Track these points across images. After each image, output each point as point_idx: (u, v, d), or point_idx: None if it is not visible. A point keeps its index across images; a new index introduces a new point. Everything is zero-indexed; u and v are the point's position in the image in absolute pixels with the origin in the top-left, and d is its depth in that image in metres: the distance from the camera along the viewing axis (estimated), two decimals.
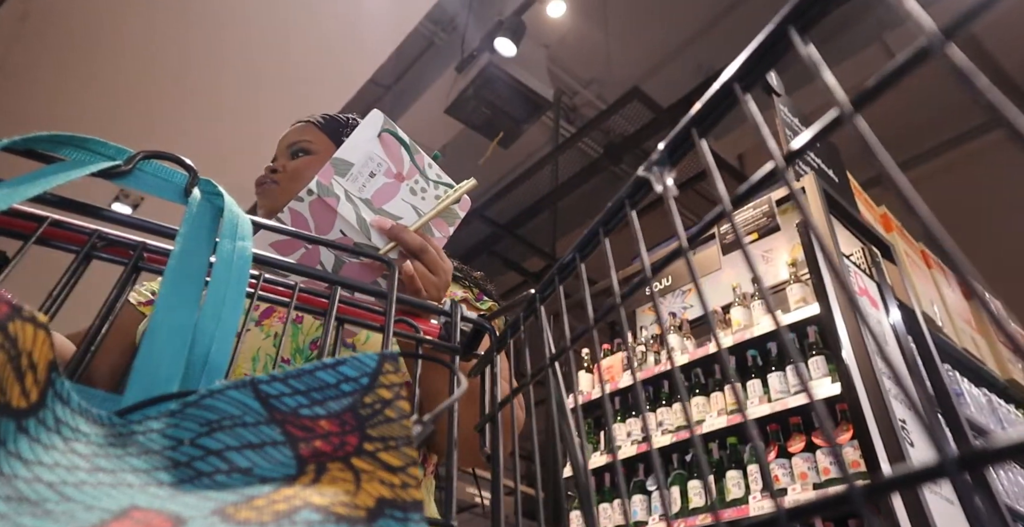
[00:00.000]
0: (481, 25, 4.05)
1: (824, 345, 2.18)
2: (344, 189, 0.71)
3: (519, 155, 4.92)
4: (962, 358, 2.64)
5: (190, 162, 0.42)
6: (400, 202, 0.75)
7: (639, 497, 2.47)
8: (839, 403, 2.01)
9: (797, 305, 2.28)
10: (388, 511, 0.23)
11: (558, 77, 4.72)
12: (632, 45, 4.46)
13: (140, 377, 0.30)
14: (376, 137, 0.74)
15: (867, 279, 2.28)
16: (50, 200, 0.38)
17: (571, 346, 0.34)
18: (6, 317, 0.22)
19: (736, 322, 2.46)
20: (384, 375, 0.27)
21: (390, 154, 0.75)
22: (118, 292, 0.40)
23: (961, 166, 4.70)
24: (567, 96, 4.96)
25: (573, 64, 4.71)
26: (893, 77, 0.18)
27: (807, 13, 0.22)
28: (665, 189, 0.28)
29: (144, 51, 2.75)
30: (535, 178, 4.76)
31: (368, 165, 0.73)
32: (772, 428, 2.23)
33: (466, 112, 4.11)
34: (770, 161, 0.22)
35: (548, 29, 4.31)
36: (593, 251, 0.36)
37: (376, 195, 0.73)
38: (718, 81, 0.26)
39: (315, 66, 2.92)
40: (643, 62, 4.58)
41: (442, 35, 4.48)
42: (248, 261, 0.37)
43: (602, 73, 4.73)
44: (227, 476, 0.25)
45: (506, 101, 4.04)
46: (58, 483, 0.22)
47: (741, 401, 0.20)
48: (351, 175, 0.72)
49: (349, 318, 0.49)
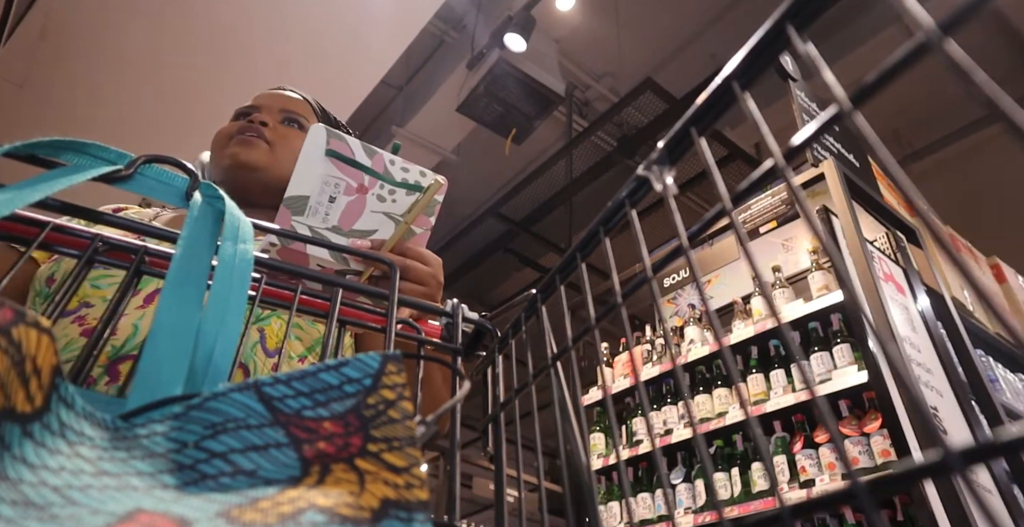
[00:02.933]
0: (491, 22, 4.05)
1: (849, 333, 2.12)
2: (307, 227, 0.65)
3: (532, 151, 4.91)
4: (995, 343, 2.56)
5: (191, 166, 0.42)
6: (370, 215, 0.69)
7: (662, 491, 2.42)
8: (867, 391, 1.98)
9: (820, 293, 2.23)
10: (392, 512, 0.23)
11: (570, 72, 4.71)
12: (643, 37, 4.44)
13: (143, 380, 0.30)
14: (325, 156, 0.68)
15: (892, 265, 2.22)
16: (52, 205, 0.38)
17: (572, 346, 0.34)
18: (10, 322, 0.23)
19: (757, 312, 2.43)
20: (387, 376, 0.27)
21: (344, 168, 0.68)
22: (120, 295, 0.40)
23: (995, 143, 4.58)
24: (579, 90, 4.94)
25: (584, 58, 4.69)
26: (892, 72, 0.19)
27: (804, 10, 0.22)
28: (665, 188, 0.28)
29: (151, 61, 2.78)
30: (549, 173, 4.74)
31: (324, 191, 0.67)
32: (798, 418, 2.19)
33: (478, 109, 4.12)
34: (769, 159, 0.22)
35: (558, 23, 4.29)
36: (593, 250, 0.36)
37: (343, 218, 0.68)
38: (716, 79, 0.26)
39: (325, 71, 2.93)
40: (655, 53, 4.55)
41: (452, 33, 4.48)
42: (250, 264, 0.37)
43: (614, 66, 4.70)
44: (231, 478, 0.25)
45: (518, 97, 4.05)
46: (63, 487, 0.22)
47: (744, 398, 0.20)
48: (309, 210, 0.66)
49: (351, 320, 0.49)
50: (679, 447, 2.53)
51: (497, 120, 4.16)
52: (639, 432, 2.67)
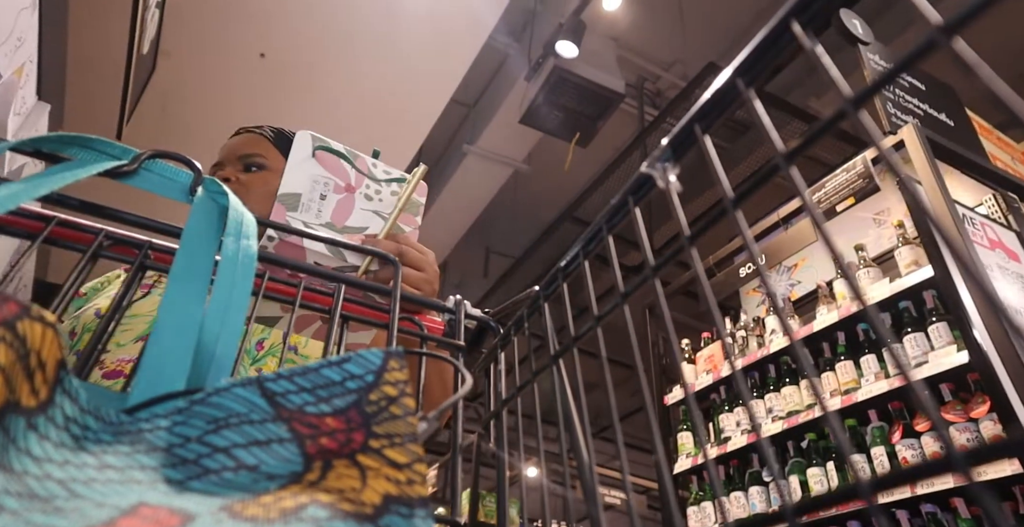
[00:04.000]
0: (548, 30, 4.11)
1: (946, 310, 1.93)
2: (301, 222, 0.69)
3: (609, 150, 4.84)
4: None
5: (196, 162, 0.42)
6: (360, 212, 0.73)
7: (756, 488, 2.36)
8: (970, 373, 1.81)
9: (909, 269, 2.05)
10: (394, 507, 0.23)
11: (636, 65, 4.65)
12: (708, 20, 4.38)
13: (147, 375, 0.30)
14: (312, 157, 0.72)
15: (1002, 229, 2.01)
16: (71, 203, 0.38)
17: (573, 345, 0.34)
18: (15, 316, 0.23)
19: (840, 295, 2.29)
20: (389, 372, 0.27)
21: (332, 169, 0.73)
22: (124, 290, 0.40)
23: None
24: (650, 81, 4.88)
25: (650, 49, 4.63)
26: (897, 71, 0.18)
27: (810, 7, 0.22)
28: (668, 185, 0.28)
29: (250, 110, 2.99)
30: (623, 170, 4.61)
31: (315, 189, 0.71)
32: (895, 406, 2.05)
33: (540, 119, 4.18)
34: (775, 155, 0.22)
35: (613, 22, 4.28)
36: (597, 246, 0.36)
37: (335, 215, 0.71)
38: (720, 76, 0.26)
39: (397, 96, 3.01)
40: (723, 36, 4.46)
41: (515, 45, 4.51)
42: (253, 259, 0.37)
43: (681, 53, 4.64)
44: (234, 473, 0.25)
45: (578, 101, 4.06)
46: (68, 480, 0.22)
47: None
48: (302, 206, 0.70)
49: (354, 316, 0.49)
50: (770, 442, 2.37)
51: (560, 126, 4.20)
52: (727, 429, 2.55)
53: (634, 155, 4.51)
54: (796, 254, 2.65)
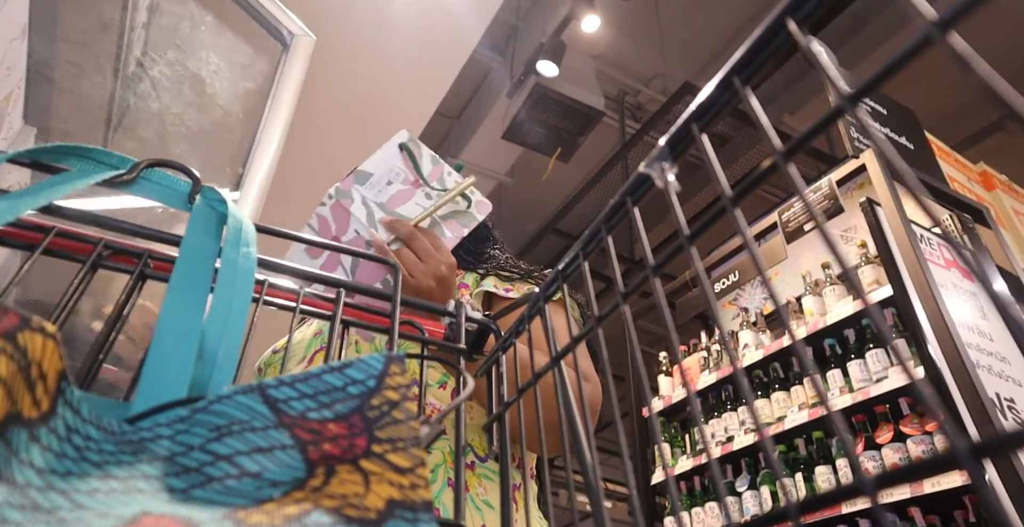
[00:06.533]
0: (530, 46, 4.15)
1: (904, 328, 2.02)
2: (361, 195, 0.80)
3: (591, 163, 4.86)
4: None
5: (194, 170, 0.42)
6: (414, 205, 0.82)
7: (729, 499, 2.40)
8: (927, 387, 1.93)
9: (871, 288, 2.14)
10: (398, 512, 0.23)
11: (618, 80, 4.72)
12: (687, 35, 4.42)
13: (148, 384, 0.30)
14: (400, 151, 0.84)
15: None
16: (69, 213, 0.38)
17: (573, 346, 0.34)
18: (15, 328, 0.23)
19: (808, 311, 2.38)
20: (391, 376, 0.27)
21: (408, 165, 0.84)
22: (125, 299, 0.40)
23: None
24: (631, 95, 4.93)
25: (630, 63, 4.70)
26: (893, 68, 0.18)
27: (806, 5, 0.22)
28: (667, 185, 0.28)
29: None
30: (605, 182, 4.66)
31: (387, 175, 0.82)
32: (858, 419, 2.13)
33: (522, 134, 4.25)
34: (768, 157, 0.22)
35: (594, 39, 4.32)
36: (596, 248, 0.36)
37: (391, 200, 0.81)
38: (717, 75, 0.26)
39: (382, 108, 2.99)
40: (702, 51, 4.52)
41: (499, 59, 4.54)
42: (253, 266, 0.37)
43: (661, 68, 4.70)
44: (237, 481, 0.25)
45: (559, 118, 4.15)
46: (71, 491, 0.22)
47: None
48: (369, 183, 0.81)
49: (354, 321, 0.49)
50: (742, 454, 2.49)
51: (542, 142, 4.27)
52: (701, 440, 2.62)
53: (616, 168, 4.55)
54: (768, 270, 2.70)
